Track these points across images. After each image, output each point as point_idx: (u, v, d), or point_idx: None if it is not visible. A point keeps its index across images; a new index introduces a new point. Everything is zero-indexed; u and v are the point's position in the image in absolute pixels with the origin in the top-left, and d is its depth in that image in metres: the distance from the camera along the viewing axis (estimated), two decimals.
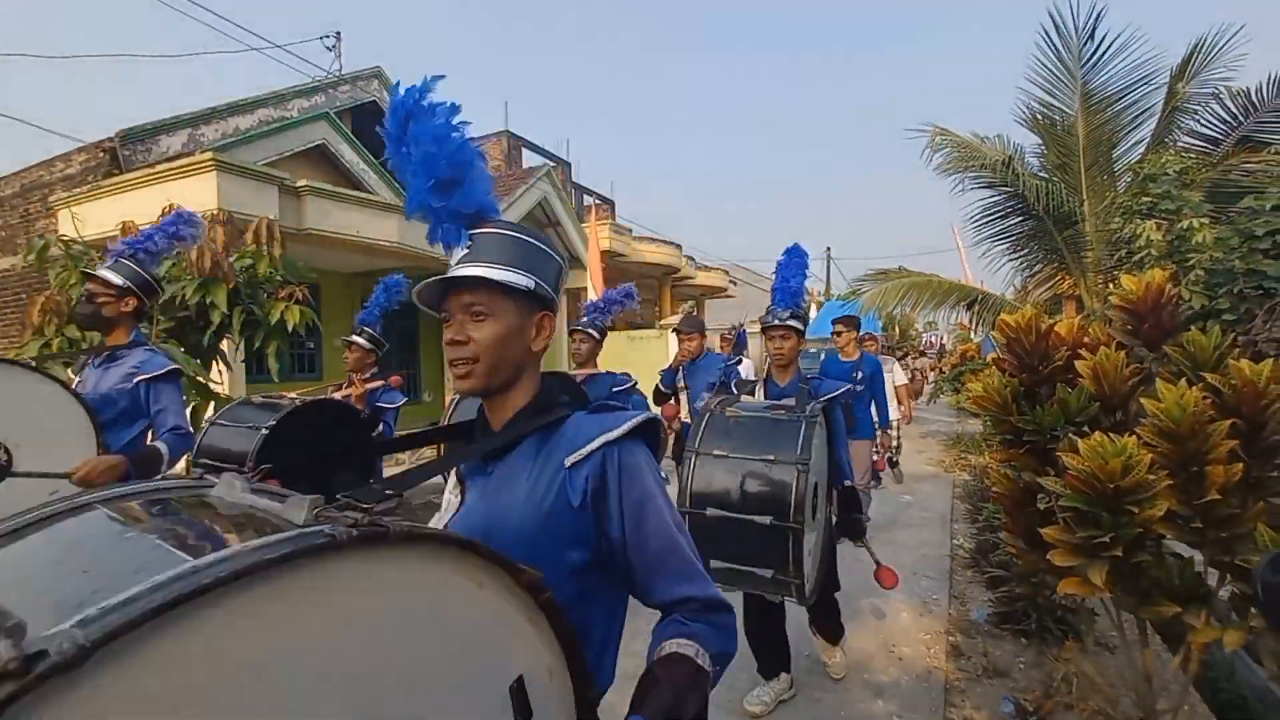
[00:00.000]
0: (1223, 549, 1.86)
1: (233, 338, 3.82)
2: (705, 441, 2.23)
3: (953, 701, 2.67)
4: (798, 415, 2.24)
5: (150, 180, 6.37)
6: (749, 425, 2.29)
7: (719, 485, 2.16)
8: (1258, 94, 6.50)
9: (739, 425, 2.29)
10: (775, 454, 2.14)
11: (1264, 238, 3.81)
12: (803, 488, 2.05)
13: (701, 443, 2.23)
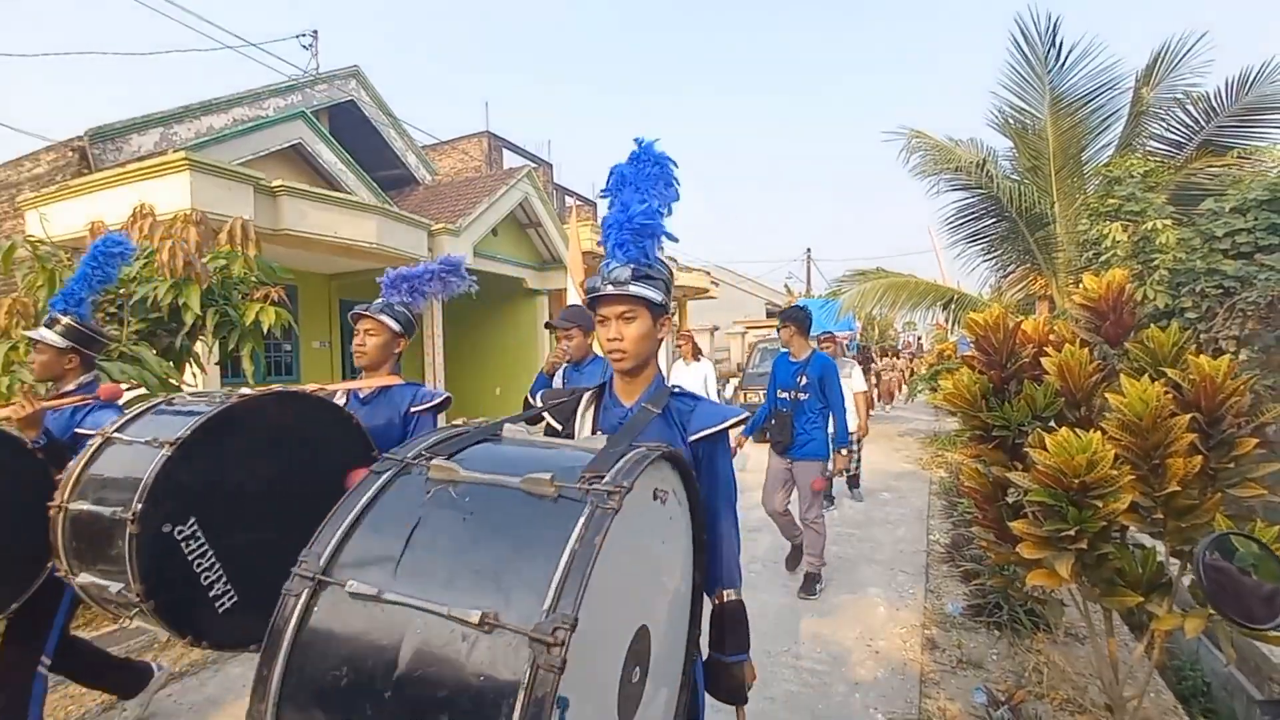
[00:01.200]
0: (1183, 539, 1.92)
1: (206, 340, 3.76)
2: (349, 557, 0.87)
3: (928, 693, 2.72)
4: (582, 489, 0.89)
5: (121, 180, 6.23)
6: (461, 514, 0.91)
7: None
8: (1218, 98, 6.70)
9: (440, 513, 0.91)
10: (497, 596, 0.80)
11: (1224, 238, 3.94)
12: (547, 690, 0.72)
13: (334, 563, 0.87)
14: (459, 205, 10.16)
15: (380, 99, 11.16)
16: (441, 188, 11.76)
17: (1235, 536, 1.17)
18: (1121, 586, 1.97)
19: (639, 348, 1.37)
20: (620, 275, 1.32)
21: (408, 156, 11.88)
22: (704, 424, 1.37)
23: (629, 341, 1.35)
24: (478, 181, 11.40)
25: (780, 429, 3.87)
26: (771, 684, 2.80)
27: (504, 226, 11.07)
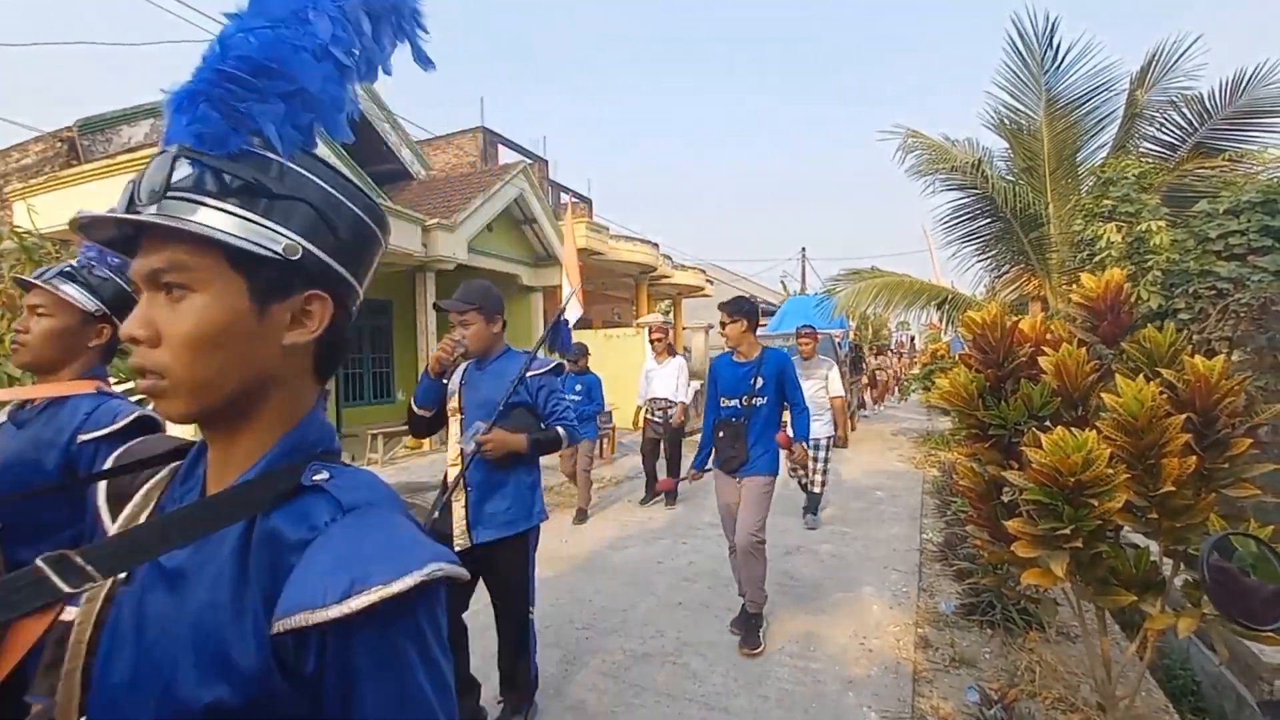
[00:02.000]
0: (1177, 539, 1.93)
1: None
2: None
3: (921, 692, 2.72)
4: None
5: (110, 171, 6.16)
6: None
7: None
8: (1211, 100, 6.73)
9: None
10: None
11: (1217, 240, 3.96)
12: None
13: None
14: (453, 201, 10.11)
15: (375, 93, 11.08)
16: (436, 183, 11.70)
17: (1235, 536, 1.16)
18: (1115, 586, 1.98)
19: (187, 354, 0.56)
20: (152, 182, 0.55)
21: (402, 151, 11.80)
22: None
23: None
24: (473, 177, 11.34)
25: (732, 443, 3.19)
26: (765, 681, 2.80)
27: (499, 223, 11.02)
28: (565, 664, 2.99)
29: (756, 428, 3.21)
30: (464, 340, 2.24)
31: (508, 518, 2.30)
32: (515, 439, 2.21)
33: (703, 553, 4.65)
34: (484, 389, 2.30)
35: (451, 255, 9.34)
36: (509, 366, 2.32)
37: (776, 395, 3.24)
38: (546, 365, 2.40)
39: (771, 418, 3.25)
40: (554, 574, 4.25)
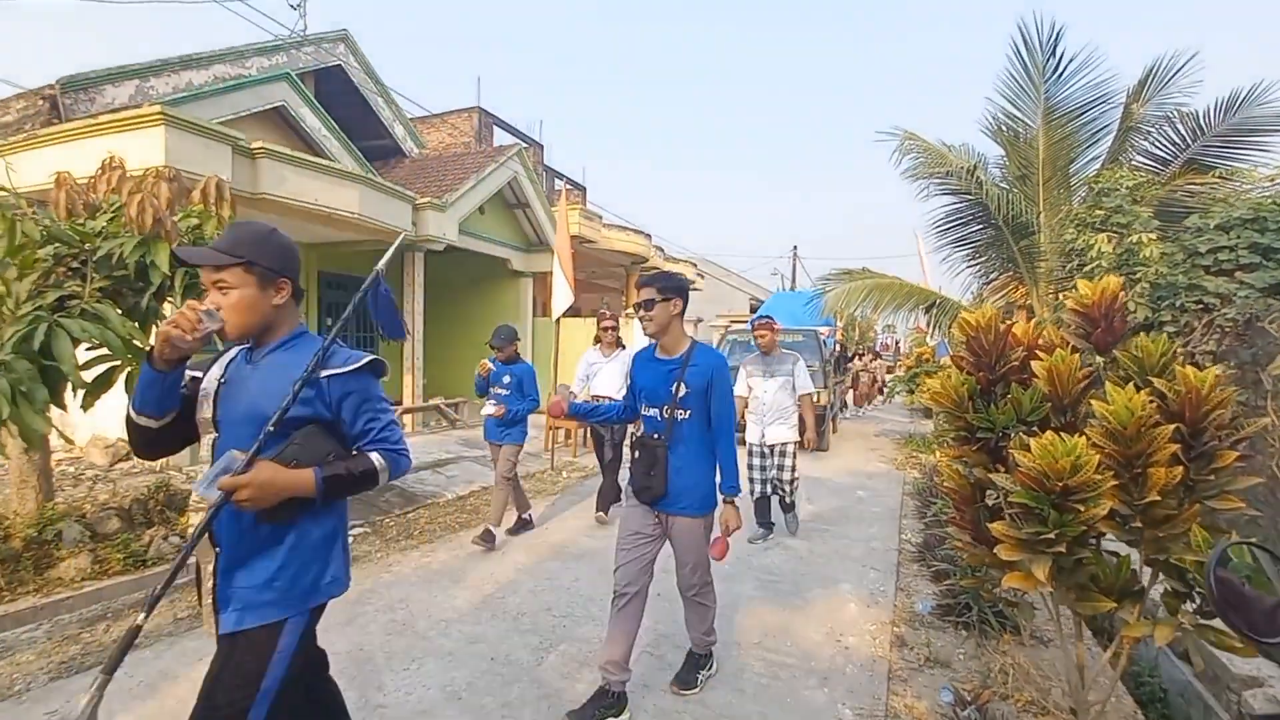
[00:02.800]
0: (1158, 548, 1.93)
1: (175, 301, 3.61)
2: None
3: (895, 690, 2.73)
4: None
5: (92, 132, 5.97)
6: None
7: None
8: (1205, 118, 6.80)
9: None
10: None
11: (1206, 255, 3.99)
12: None
13: None
14: (446, 180, 9.97)
15: (369, 66, 10.87)
16: (428, 161, 11.53)
17: (1233, 547, 1.15)
18: (1095, 592, 1.98)
19: None
20: None
21: (395, 127, 11.61)
22: None
23: None
24: (467, 157, 11.19)
25: (648, 468, 2.47)
26: (741, 675, 2.80)
27: (491, 205, 10.89)
28: (541, 650, 2.97)
29: (679, 452, 2.45)
30: (218, 313, 1.44)
31: (272, 595, 1.44)
32: (292, 478, 1.38)
33: None
34: (251, 394, 1.48)
35: (441, 235, 9.22)
36: (297, 360, 1.50)
37: (703, 410, 2.48)
38: (354, 361, 1.51)
39: (697, 441, 2.48)
40: (533, 561, 4.22)
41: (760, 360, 4.94)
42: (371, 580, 3.80)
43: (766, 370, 4.86)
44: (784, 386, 4.77)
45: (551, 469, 7.28)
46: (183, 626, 3.19)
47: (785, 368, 4.85)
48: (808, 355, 9.37)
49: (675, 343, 2.54)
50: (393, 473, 1.55)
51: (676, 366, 2.48)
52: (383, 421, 1.55)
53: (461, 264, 11.82)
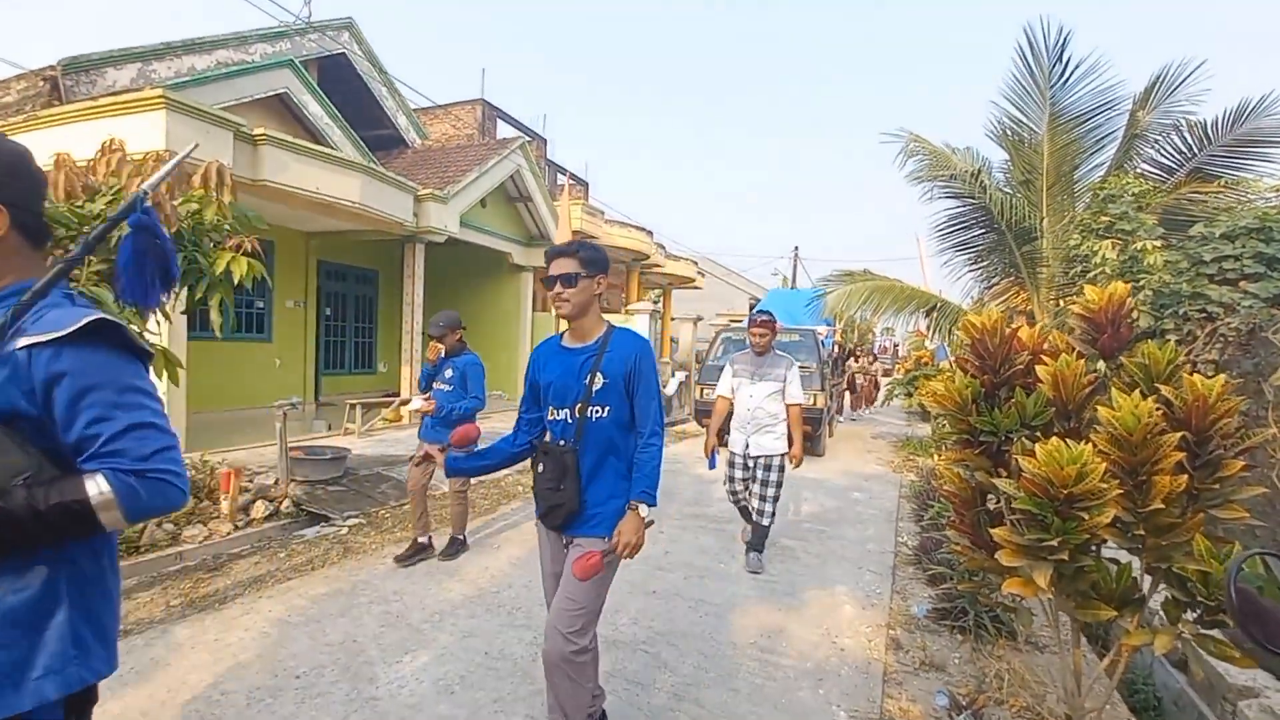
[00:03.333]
0: (1161, 556, 1.91)
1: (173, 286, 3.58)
2: None
3: (890, 693, 2.72)
4: None
5: (92, 114, 5.92)
6: None
7: None
8: (1212, 128, 6.78)
9: None
10: None
11: (1211, 263, 3.98)
12: None
13: None
14: (448, 172, 9.92)
15: (374, 55, 10.81)
16: (431, 152, 11.47)
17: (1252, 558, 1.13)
18: (1095, 600, 1.97)
19: None
20: None
21: (398, 117, 11.55)
22: None
23: None
24: (469, 149, 11.14)
25: (556, 481, 2.00)
26: (736, 675, 2.78)
27: (493, 198, 10.85)
28: (535, 645, 2.95)
29: (593, 457, 2.00)
30: None
31: None
32: None
33: (679, 542, 4.64)
34: None
35: (443, 227, 9.18)
36: None
37: (623, 406, 2.03)
38: (69, 323, 0.95)
39: (617, 442, 2.03)
40: (527, 554, 4.20)
41: (751, 360, 4.33)
42: (365, 571, 3.79)
43: (756, 372, 4.25)
44: (773, 393, 4.17)
45: None
46: (174, 614, 3.17)
47: (778, 371, 4.20)
48: (804, 355, 8.98)
49: (590, 328, 2.07)
50: (130, 508, 0.95)
51: (591, 355, 2.02)
52: (120, 423, 0.95)
53: (462, 257, 11.78)
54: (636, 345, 2.08)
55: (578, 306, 2.03)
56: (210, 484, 4.98)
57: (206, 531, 4.43)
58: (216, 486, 4.81)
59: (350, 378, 11.25)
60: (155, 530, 4.22)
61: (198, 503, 4.77)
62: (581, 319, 2.07)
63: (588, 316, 2.07)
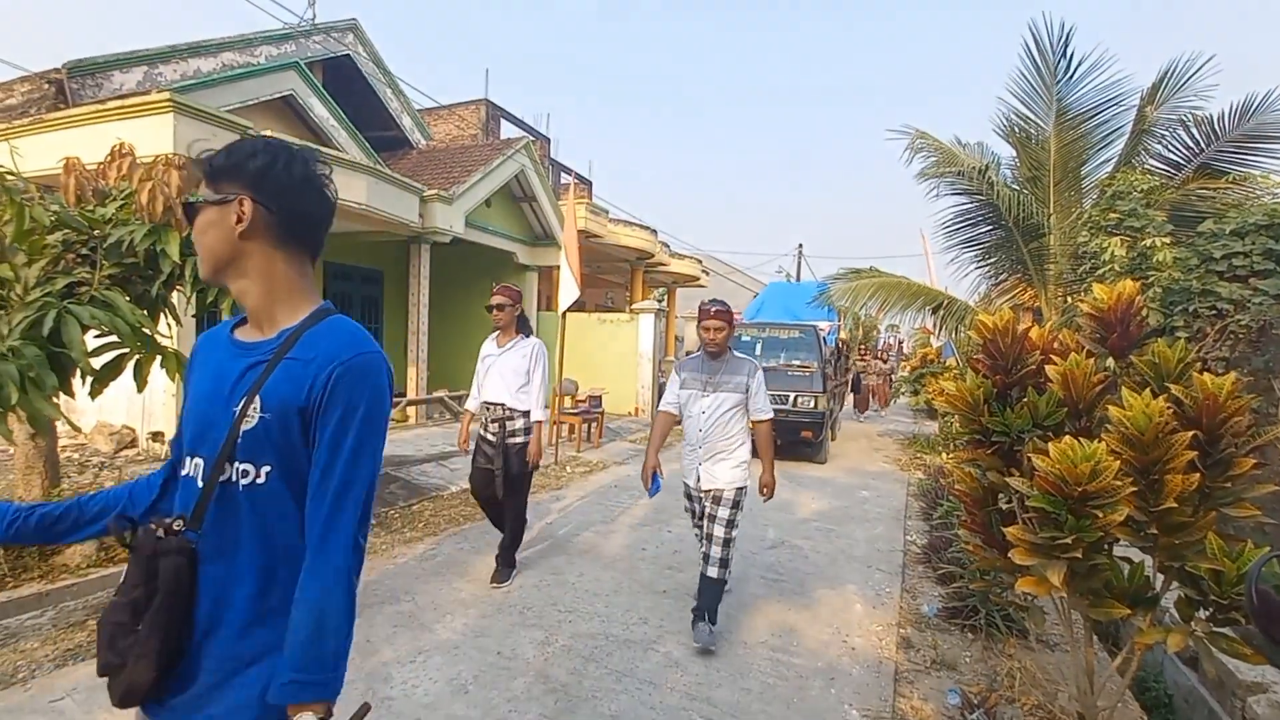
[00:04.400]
0: (1173, 555, 1.92)
1: (184, 290, 3.61)
2: None
3: (901, 692, 2.73)
4: None
5: (99, 117, 5.97)
6: None
7: None
8: (1219, 123, 6.74)
9: None
10: None
11: (1221, 260, 3.96)
12: None
13: None
14: (453, 172, 9.95)
15: (378, 56, 10.84)
16: (436, 153, 11.50)
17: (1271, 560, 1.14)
18: (1108, 598, 1.97)
19: None
20: None
21: (403, 118, 11.58)
22: None
23: None
24: (474, 150, 11.16)
25: (130, 610, 0.95)
26: (747, 675, 2.79)
27: (498, 198, 10.87)
28: (546, 645, 2.97)
29: (225, 569, 0.97)
30: None
31: None
32: None
33: (687, 541, 4.64)
34: None
35: (448, 228, 9.20)
36: None
37: (295, 465, 0.98)
38: None
39: (275, 542, 0.98)
40: (537, 555, 4.22)
41: (702, 365, 3.29)
42: (377, 572, 3.81)
43: (710, 380, 3.22)
44: (733, 408, 3.17)
45: (556, 464, 7.28)
46: None
47: (737, 379, 3.18)
48: (804, 353, 8.53)
49: (267, 305, 1.05)
50: None
51: (258, 360, 1.01)
52: None
53: (467, 257, 11.80)
54: (344, 352, 1.00)
55: (210, 255, 1.02)
56: None
57: None
58: None
59: None
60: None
61: None
62: (235, 281, 1.04)
63: (246, 278, 1.04)
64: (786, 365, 8.45)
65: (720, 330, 3.22)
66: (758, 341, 8.92)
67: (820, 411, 7.93)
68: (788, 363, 8.52)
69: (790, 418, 7.69)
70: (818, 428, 7.89)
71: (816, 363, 8.40)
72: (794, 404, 7.93)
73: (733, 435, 3.18)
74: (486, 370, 3.80)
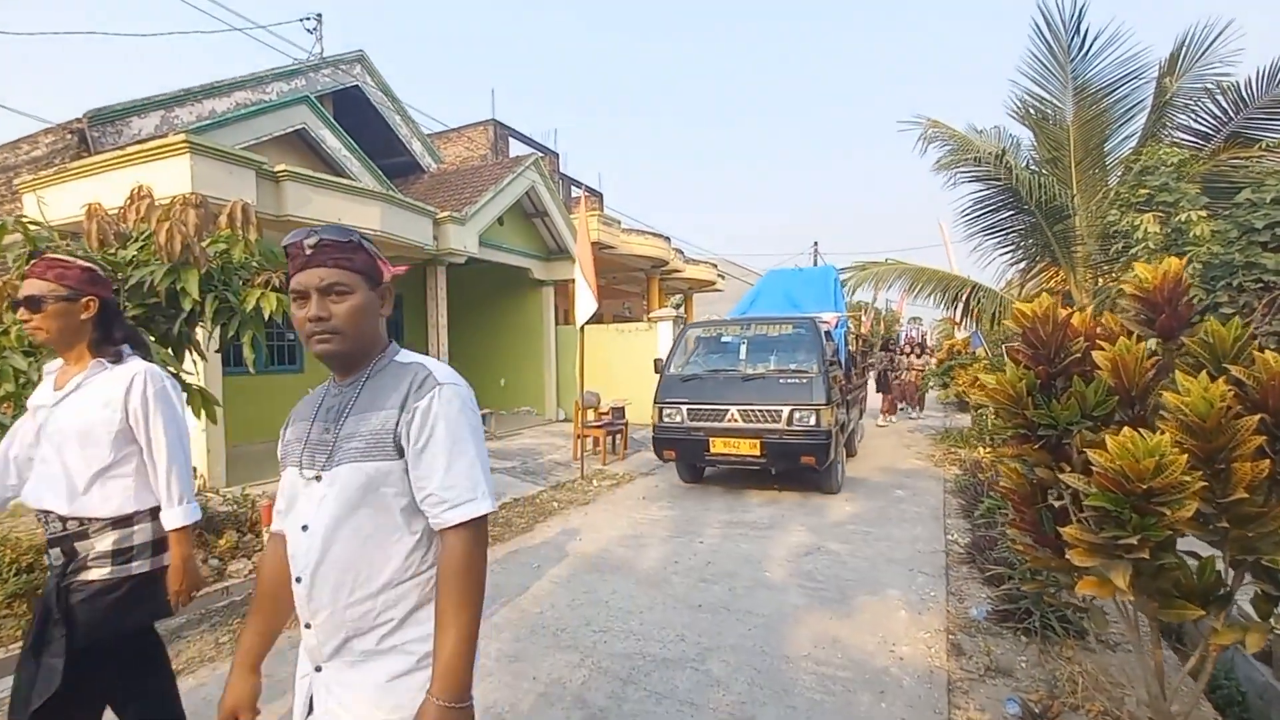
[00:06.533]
0: (1246, 548, 1.78)
1: (206, 326, 3.64)
2: None
3: (957, 703, 2.60)
4: None
5: (120, 163, 6.10)
6: None
7: None
8: (1248, 89, 6.51)
9: None
10: None
11: (1263, 230, 3.78)
12: None
13: None
14: (464, 193, 10.02)
15: (386, 85, 10.99)
16: (447, 175, 11.61)
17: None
18: (1179, 599, 1.84)
19: None
20: None
21: (413, 143, 11.72)
22: None
23: None
24: (484, 169, 11.24)
25: None
26: (792, 690, 2.69)
27: (510, 216, 10.92)
28: (584, 669, 2.89)
29: None
30: None
31: None
32: None
33: (720, 552, 4.54)
34: None
35: (463, 248, 9.26)
36: None
37: None
38: None
39: None
40: (568, 573, 4.15)
41: (319, 404, 1.22)
42: None
43: (322, 440, 1.15)
44: (372, 508, 1.10)
45: (582, 478, 7.23)
46: (224, 651, 3.18)
47: (376, 423, 1.10)
48: (801, 354, 6.44)
49: None
50: None
51: None
52: None
53: (483, 276, 11.87)
54: None
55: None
56: (252, 517, 5.05)
57: (251, 565, 4.48)
58: (259, 519, 4.87)
59: None
60: (201, 566, 4.28)
61: (240, 536, 4.84)
62: None
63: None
64: (778, 371, 6.38)
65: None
66: (741, 342, 6.98)
67: (824, 430, 5.83)
68: (780, 368, 6.43)
69: (785, 439, 5.88)
70: (822, 451, 5.80)
71: (817, 364, 6.22)
72: (789, 421, 5.90)
73: (383, 585, 1.12)
74: (25, 439, 1.82)
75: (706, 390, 6.44)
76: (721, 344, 7.21)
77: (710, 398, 6.34)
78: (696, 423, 6.31)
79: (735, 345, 7.03)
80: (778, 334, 6.86)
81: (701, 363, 6.95)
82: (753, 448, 5.99)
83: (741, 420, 6.09)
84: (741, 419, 6.10)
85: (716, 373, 6.65)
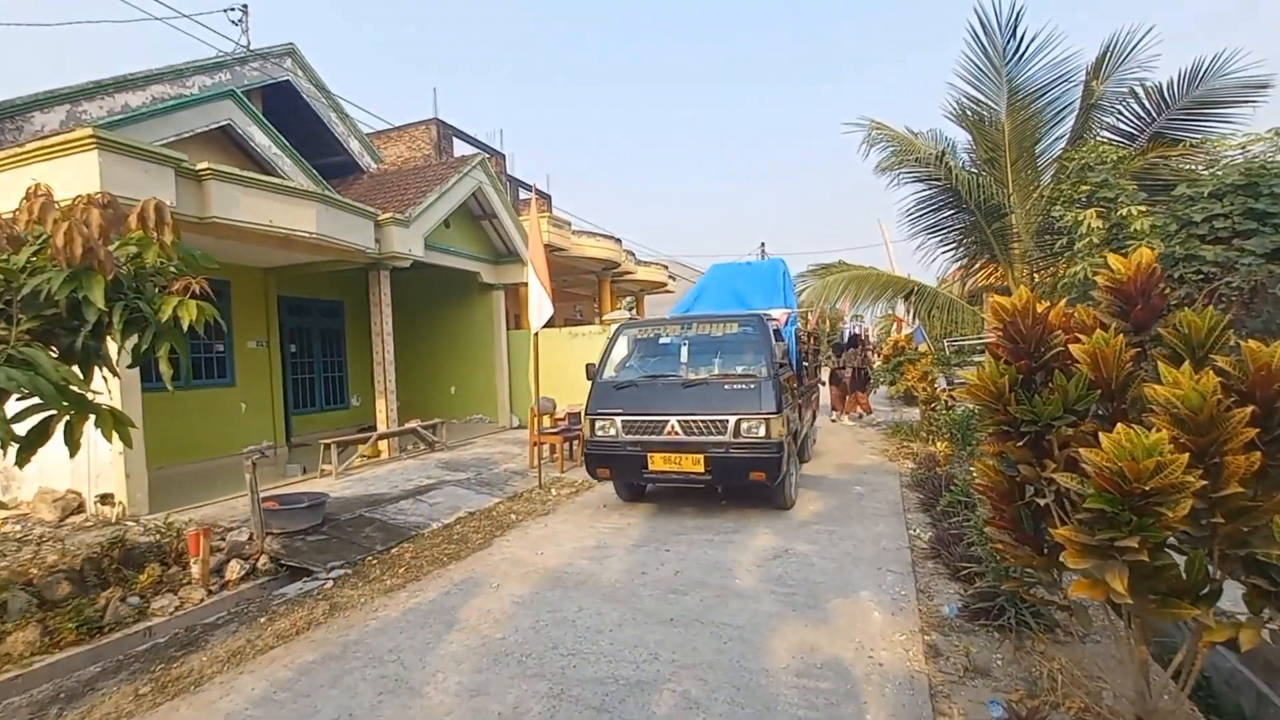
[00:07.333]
0: (1238, 542, 1.76)
1: (115, 337, 3.25)
2: None
3: (940, 708, 2.54)
4: None
5: (17, 161, 5.52)
6: None
7: None
8: (1169, 91, 6.85)
9: None
10: None
11: (1202, 224, 3.91)
12: None
13: None
14: (408, 194, 9.61)
15: (319, 80, 10.45)
16: (388, 176, 11.13)
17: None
18: (1173, 599, 1.80)
19: None
20: None
21: (350, 142, 11.19)
22: None
23: None
24: (428, 170, 10.82)
25: None
26: (775, 708, 2.56)
27: (457, 218, 10.55)
28: (553, 699, 2.69)
29: None
30: None
31: None
32: None
33: (688, 560, 4.41)
34: None
35: (407, 252, 8.86)
36: None
37: None
38: None
39: None
40: (531, 592, 3.93)
41: None
42: (356, 631, 3.48)
43: None
44: None
45: (540, 487, 6.98)
46: (144, 704, 2.83)
47: None
48: (748, 356, 5.88)
49: None
50: None
51: None
52: None
53: (430, 281, 11.43)
54: None
55: None
56: (178, 547, 4.61)
57: (177, 601, 4.07)
58: (185, 549, 4.45)
59: (323, 415, 10.80)
60: (120, 606, 3.86)
61: (165, 569, 4.40)
62: None
63: None
64: (723, 376, 5.71)
65: None
66: (682, 343, 6.20)
67: (774, 442, 5.18)
68: (725, 372, 5.80)
69: (731, 454, 5.21)
70: (773, 466, 5.15)
71: (766, 367, 5.57)
72: (736, 432, 5.25)
73: None
74: None
75: (643, 399, 5.68)
76: (660, 346, 6.44)
77: (647, 407, 5.59)
78: (632, 436, 5.53)
79: (675, 347, 6.24)
80: (722, 334, 6.18)
81: (638, 367, 6.23)
82: (696, 464, 5.26)
83: (683, 432, 5.35)
84: (683, 431, 5.36)
85: (654, 379, 5.88)
